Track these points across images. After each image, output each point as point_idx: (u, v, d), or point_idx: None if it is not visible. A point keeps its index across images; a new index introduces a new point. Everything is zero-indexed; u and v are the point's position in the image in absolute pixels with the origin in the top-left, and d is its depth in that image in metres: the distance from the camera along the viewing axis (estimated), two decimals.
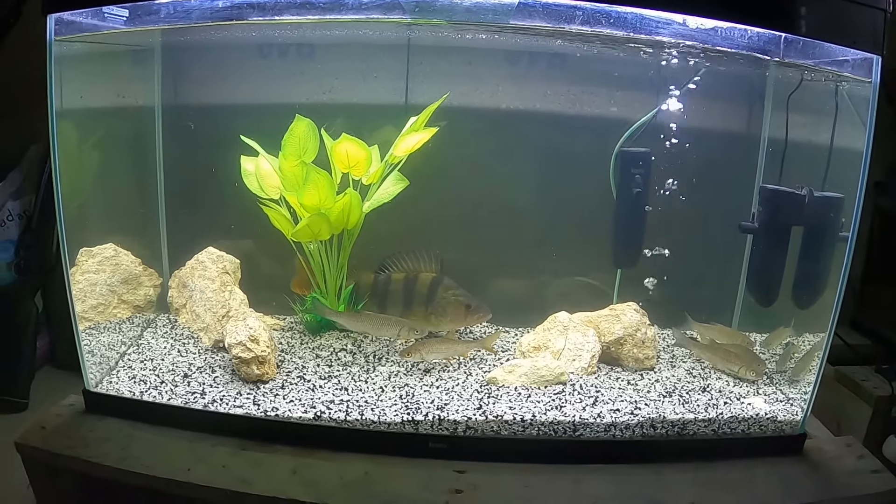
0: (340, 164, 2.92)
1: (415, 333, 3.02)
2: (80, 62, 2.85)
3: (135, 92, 3.38)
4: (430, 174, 3.19)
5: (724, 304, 3.49)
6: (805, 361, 3.05)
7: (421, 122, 2.99)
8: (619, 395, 2.84)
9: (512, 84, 3.27)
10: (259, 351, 2.76)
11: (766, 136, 3.30)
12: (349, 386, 2.79)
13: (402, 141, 2.92)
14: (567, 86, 3.27)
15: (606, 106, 3.27)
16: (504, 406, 2.68)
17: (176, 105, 3.42)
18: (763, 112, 3.30)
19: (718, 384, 2.98)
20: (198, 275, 3.28)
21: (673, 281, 3.31)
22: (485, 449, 2.58)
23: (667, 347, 3.35)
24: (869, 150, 2.52)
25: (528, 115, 3.30)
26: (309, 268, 3.21)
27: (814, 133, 3.07)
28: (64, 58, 2.52)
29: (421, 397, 2.73)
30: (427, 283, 3.20)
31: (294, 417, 2.55)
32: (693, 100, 3.13)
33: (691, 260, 3.30)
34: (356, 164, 2.90)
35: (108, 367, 2.88)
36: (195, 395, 2.67)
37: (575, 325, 3.13)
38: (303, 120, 2.90)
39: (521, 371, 2.88)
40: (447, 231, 3.42)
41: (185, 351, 3.06)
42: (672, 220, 3.14)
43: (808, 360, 3.03)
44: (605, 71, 3.27)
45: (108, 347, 3.04)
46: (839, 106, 2.91)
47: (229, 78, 3.42)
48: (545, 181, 3.44)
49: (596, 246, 3.39)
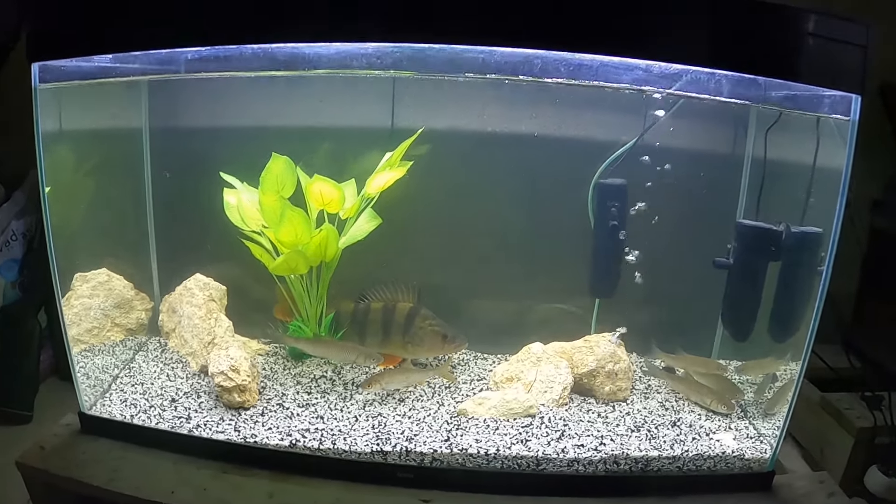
0: (315, 202, 2.98)
1: (370, 361, 3.07)
2: (69, 95, 2.93)
3: (124, 119, 3.47)
4: (413, 199, 3.25)
5: (705, 332, 3.48)
6: (781, 394, 3.04)
7: (395, 159, 3.03)
8: (586, 428, 2.86)
9: (498, 107, 3.29)
10: (240, 380, 2.84)
11: (748, 170, 3.26)
12: (325, 414, 2.85)
13: (374, 179, 2.97)
14: (550, 108, 3.28)
15: (593, 129, 3.29)
16: (471, 438, 2.72)
17: (165, 129, 3.50)
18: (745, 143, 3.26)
19: (690, 418, 2.98)
20: (186, 301, 3.37)
21: (652, 309, 3.32)
22: (450, 479, 2.62)
23: (643, 378, 3.36)
24: (845, 187, 2.50)
25: (513, 138, 3.27)
26: (290, 296, 3.28)
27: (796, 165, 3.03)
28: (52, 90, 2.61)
29: (392, 427, 2.78)
30: (404, 312, 3.24)
31: (271, 444, 2.64)
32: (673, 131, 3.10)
33: (671, 289, 3.31)
34: (330, 202, 2.96)
35: (101, 390, 2.98)
36: (181, 420, 2.76)
37: (548, 356, 3.15)
38: (279, 158, 2.97)
39: (490, 404, 2.92)
40: (428, 257, 3.46)
41: (173, 375, 3.15)
42: (651, 251, 3.10)
43: (784, 393, 3.02)
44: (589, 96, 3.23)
45: (101, 370, 3.13)
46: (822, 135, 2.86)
47: (218, 103, 3.47)
48: (529, 207, 3.39)
49: (578, 272, 3.39)
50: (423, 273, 3.38)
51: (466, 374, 3.35)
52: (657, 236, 3.12)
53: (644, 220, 3.11)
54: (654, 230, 3.12)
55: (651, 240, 3.13)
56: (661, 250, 3.14)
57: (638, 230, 3.13)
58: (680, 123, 3.10)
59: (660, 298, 3.29)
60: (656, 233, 3.13)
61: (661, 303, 3.30)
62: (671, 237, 3.14)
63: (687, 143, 3.20)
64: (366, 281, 3.32)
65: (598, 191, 3.15)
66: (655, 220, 3.07)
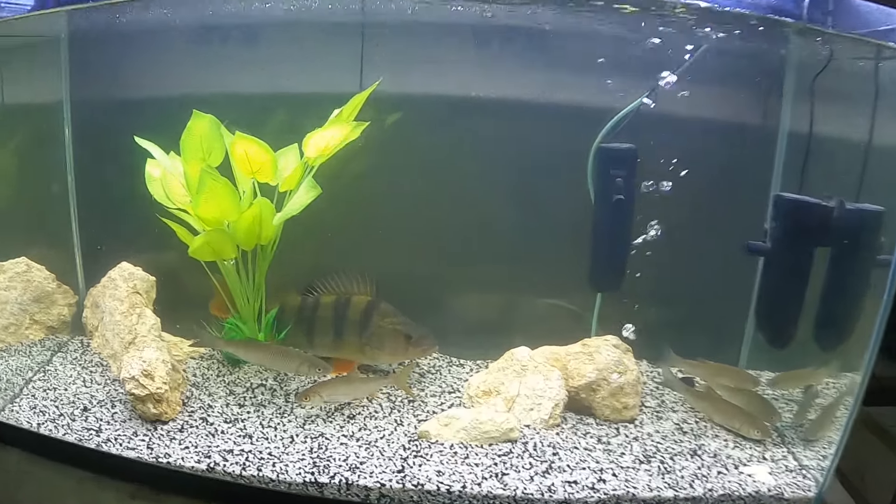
0: (242, 168, 2.42)
1: (316, 372, 2.55)
2: None
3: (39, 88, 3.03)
4: (379, 174, 2.87)
5: (731, 335, 2.89)
6: (827, 415, 2.43)
7: (346, 115, 2.45)
8: (582, 459, 2.27)
9: (481, 69, 2.85)
10: (154, 388, 2.42)
11: (786, 132, 2.63)
12: (255, 433, 2.41)
13: (311, 138, 2.38)
14: (546, 71, 2.80)
15: (593, 94, 2.75)
16: (431, 470, 2.20)
17: (90, 100, 3.03)
18: (781, 101, 2.63)
19: (714, 445, 2.38)
20: (108, 294, 2.86)
21: (667, 306, 2.76)
22: None
23: (656, 391, 2.75)
24: None
25: (500, 103, 2.84)
26: (224, 288, 2.72)
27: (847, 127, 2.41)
28: None
29: (335, 452, 2.30)
30: (361, 308, 2.69)
31: (186, 467, 2.24)
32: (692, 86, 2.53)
33: (689, 283, 2.77)
34: (260, 168, 2.39)
35: (12, 394, 2.65)
36: (91, 432, 2.40)
37: (536, 364, 2.56)
38: (202, 117, 2.44)
39: (459, 425, 2.33)
40: (396, 242, 2.95)
41: (90, 381, 2.77)
42: (665, 233, 2.61)
43: (832, 413, 2.40)
44: (591, 52, 2.70)
45: (14, 373, 2.81)
46: (880, 91, 2.26)
47: (156, 67, 3.01)
48: (518, 182, 2.95)
49: (576, 261, 2.81)
50: (388, 261, 2.90)
51: (437, 385, 2.78)
52: (673, 214, 2.56)
53: (658, 196, 2.51)
54: (669, 207, 2.56)
55: (666, 219, 2.57)
56: (678, 232, 2.59)
57: (650, 207, 2.56)
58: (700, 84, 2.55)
59: (676, 292, 2.78)
60: (672, 210, 2.56)
61: (677, 298, 2.81)
62: (691, 216, 2.59)
63: (710, 104, 2.69)
64: (316, 270, 2.81)
65: (599, 157, 2.55)
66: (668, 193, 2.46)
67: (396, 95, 2.78)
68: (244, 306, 2.72)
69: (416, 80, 2.83)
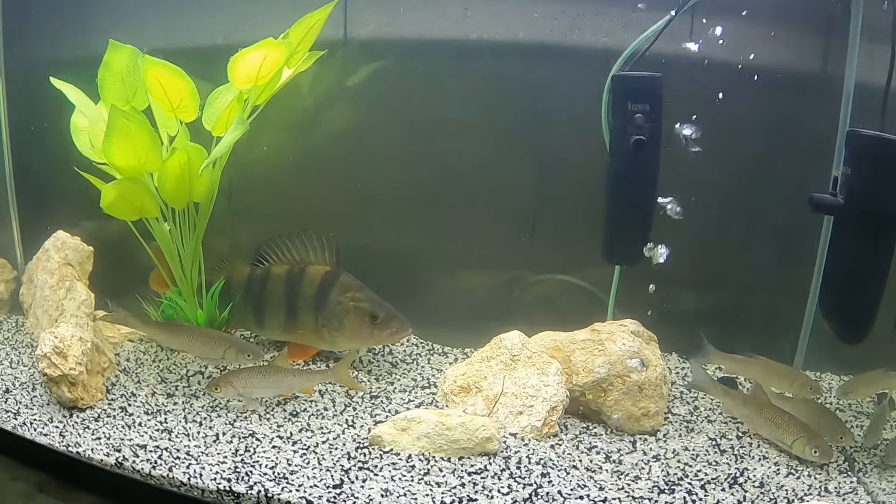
0: (161, 102, 1.97)
1: (245, 358, 2.14)
2: None
3: None
4: (359, 128, 2.52)
5: (782, 325, 2.32)
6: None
7: (296, 40, 1.95)
8: (581, 483, 1.74)
9: (485, 6, 2.44)
10: (67, 368, 2.16)
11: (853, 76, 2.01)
12: (176, 427, 2.08)
13: (238, 63, 1.88)
14: (561, 6, 2.36)
15: (616, 33, 2.26)
16: (377, 486, 1.74)
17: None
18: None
19: (761, 470, 1.81)
20: (41, 267, 2.56)
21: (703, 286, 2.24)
22: None
23: (687, 393, 2.20)
24: None
25: (506, 46, 2.43)
26: (161, 258, 2.27)
27: None
28: None
29: (263, 456, 1.91)
30: (317, 280, 2.24)
31: (95, 459, 1.98)
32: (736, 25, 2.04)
33: (729, 256, 2.26)
34: (180, 102, 1.93)
35: None
36: (9, 414, 2.20)
37: (530, 354, 2.02)
38: (122, 48, 2.06)
39: (420, 430, 1.83)
40: (376, 205, 2.55)
41: (17, 362, 2.55)
42: (698, 190, 2.07)
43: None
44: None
45: None
46: None
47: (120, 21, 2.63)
48: (523, 136, 2.49)
49: (591, 229, 2.30)
50: (367, 229, 2.55)
51: (409, 378, 2.33)
52: (711, 167, 2.03)
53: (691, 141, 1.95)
54: (707, 158, 2.00)
55: (702, 172, 2.03)
56: (717, 190, 2.11)
57: (680, 157, 2.01)
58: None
59: (716, 269, 2.26)
60: (710, 162, 2.01)
61: (716, 275, 2.29)
62: (732, 167, 2.08)
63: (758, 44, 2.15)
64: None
65: (614, 89, 1.97)
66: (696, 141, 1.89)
67: (386, 41, 2.45)
68: (182, 278, 2.27)
69: (408, 21, 2.46)
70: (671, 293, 2.32)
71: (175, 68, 1.93)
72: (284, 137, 2.54)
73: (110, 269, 2.64)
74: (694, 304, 2.36)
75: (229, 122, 2.08)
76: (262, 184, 2.58)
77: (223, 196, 2.53)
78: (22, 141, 2.84)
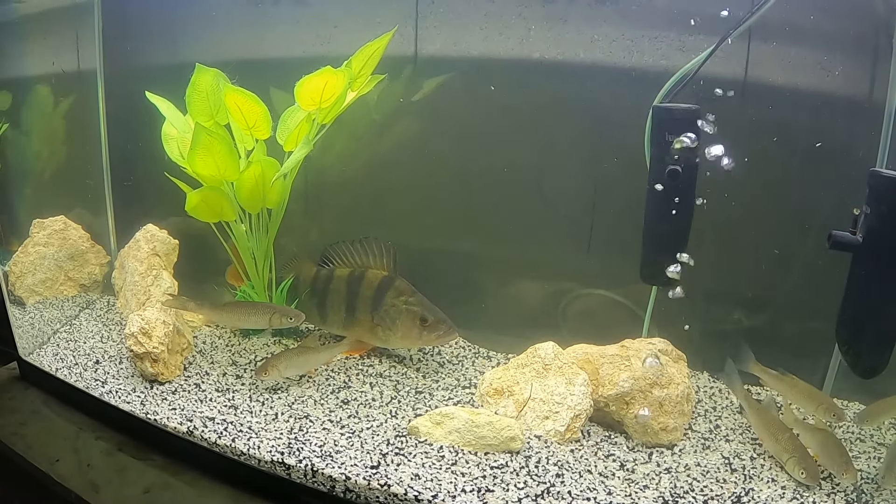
0: (239, 123, 2.21)
1: (288, 321, 2.36)
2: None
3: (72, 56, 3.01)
4: (421, 141, 2.63)
5: (815, 350, 2.27)
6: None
7: (358, 66, 2.16)
8: (591, 486, 1.84)
9: (547, 27, 2.49)
10: (151, 347, 2.38)
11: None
12: (241, 404, 2.28)
13: (302, 87, 2.10)
14: (621, 29, 2.41)
15: (673, 55, 2.29)
16: (408, 472, 1.90)
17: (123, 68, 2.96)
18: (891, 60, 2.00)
19: (766, 492, 1.84)
20: (132, 255, 2.82)
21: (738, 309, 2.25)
22: None
23: (711, 412, 2.24)
24: None
25: (565, 66, 2.48)
26: (236, 254, 2.55)
27: None
28: None
29: (313, 436, 2.09)
30: (374, 283, 2.42)
31: (169, 427, 2.20)
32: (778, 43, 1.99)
33: (761, 278, 2.26)
34: (254, 123, 2.16)
35: (41, 341, 2.76)
36: (98, 383, 2.45)
37: (561, 364, 2.15)
38: (206, 70, 2.29)
39: (452, 425, 1.99)
40: (434, 215, 2.69)
41: (108, 337, 2.80)
42: (734, 218, 2.18)
43: None
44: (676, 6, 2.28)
45: (46, 323, 2.91)
46: None
47: (208, 32, 2.87)
48: (583, 155, 2.53)
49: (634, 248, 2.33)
50: (426, 237, 2.68)
51: (454, 377, 2.46)
52: (747, 194, 2.07)
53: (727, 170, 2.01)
54: (743, 185, 2.06)
55: (738, 199, 2.10)
56: (754, 215, 2.14)
57: (718, 184, 2.06)
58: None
59: (752, 290, 2.27)
60: (746, 188, 2.08)
61: (753, 297, 2.30)
62: (768, 194, 2.10)
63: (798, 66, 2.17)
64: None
65: (655, 119, 2.07)
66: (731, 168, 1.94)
67: (452, 58, 2.53)
68: (254, 274, 2.53)
69: (474, 40, 2.52)
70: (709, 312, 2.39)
71: (250, 94, 2.15)
72: (355, 147, 2.68)
73: (192, 262, 2.85)
74: (730, 324, 2.35)
75: (299, 139, 2.29)
76: (333, 188, 2.74)
77: (300, 198, 2.75)
78: (118, 143, 3.04)
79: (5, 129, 2.63)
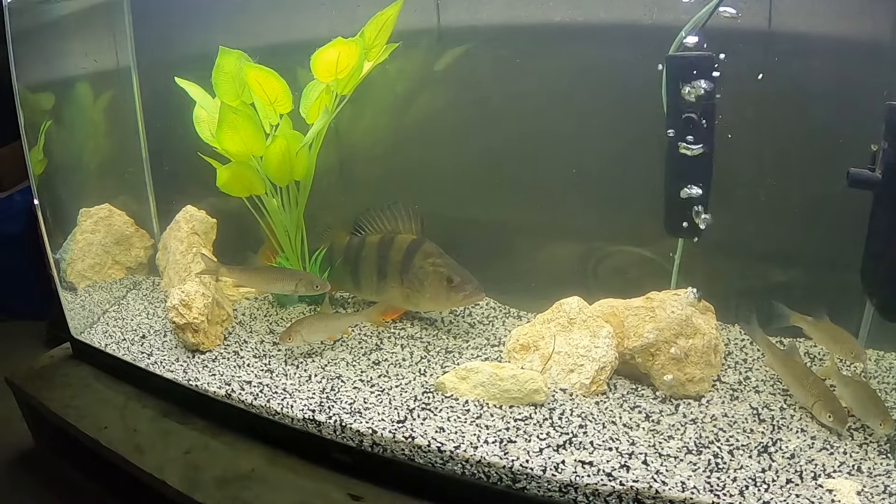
0: (261, 98, 2.28)
1: (314, 288, 2.43)
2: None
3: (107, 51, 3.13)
4: (446, 110, 2.65)
5: (850, 299, 2.16)
6: None
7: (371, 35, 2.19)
8: (614, 437, 1.85)
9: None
10: (191, 318, 2.50)
11: None
12: (277, 368, 2.39)
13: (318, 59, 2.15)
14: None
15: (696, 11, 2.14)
16: (433, 425, 1.96)
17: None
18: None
19: (795, 442, 1.81)
20: (173, 235, 2.97)
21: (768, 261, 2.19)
22: (394, 476, 1.95)
23: (742, 363, 2.20)
24: None
25: (586, 28, 2.42)
26: (269, 228, 2.64)
27: None
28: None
29: (343, 395, 2.18)
30: (403, 247, 2.46)
31: (209, 392, 2.31)
32: None
33: (789, 227, 2.19)
34: (276, 98, 2.23)
35: (92, 321, 2.94)
36: (144, 355, 2.59)
37: (585, 318, 2.15)
38: (230, 52, 2.37)
39: (477, 379, 2.04)
40: (464, 181, 2.70)
41: (153, 314, 2.97)
42: (755, 164, 2.12)
43: None
44: None
45: (95, 304, 3.10)
46: None
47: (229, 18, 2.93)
48: (608, 117, 2.47)
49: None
50: (456, 203, 2.69)
51: (483, 337, 2.50)
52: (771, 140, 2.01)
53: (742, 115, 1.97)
54: (766, 131, 2.02)
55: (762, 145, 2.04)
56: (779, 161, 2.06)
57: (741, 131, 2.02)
58: None
59: (779, 240, 2.18)
60: (769, 134, 2.03)
61: (781, 247, 2.22)
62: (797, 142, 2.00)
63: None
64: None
65: (669, 69, 2.03)
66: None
67: (474, 27, 2.51)
68: (287, 245, 2.62)
69: (497, 6, 2.49)
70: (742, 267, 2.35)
71: (269, 70, 2.22)
72: (384, 119, 2.72)
73: (230, 239, 2.98)
74: (764, 277, 2.29)
75: (319, 110, 2.36)
76: (365, 163, 2.79)
77: (334, 171, 2.84)
78: (154, 130, 3.17)
79: (48, 126, 2.77)
